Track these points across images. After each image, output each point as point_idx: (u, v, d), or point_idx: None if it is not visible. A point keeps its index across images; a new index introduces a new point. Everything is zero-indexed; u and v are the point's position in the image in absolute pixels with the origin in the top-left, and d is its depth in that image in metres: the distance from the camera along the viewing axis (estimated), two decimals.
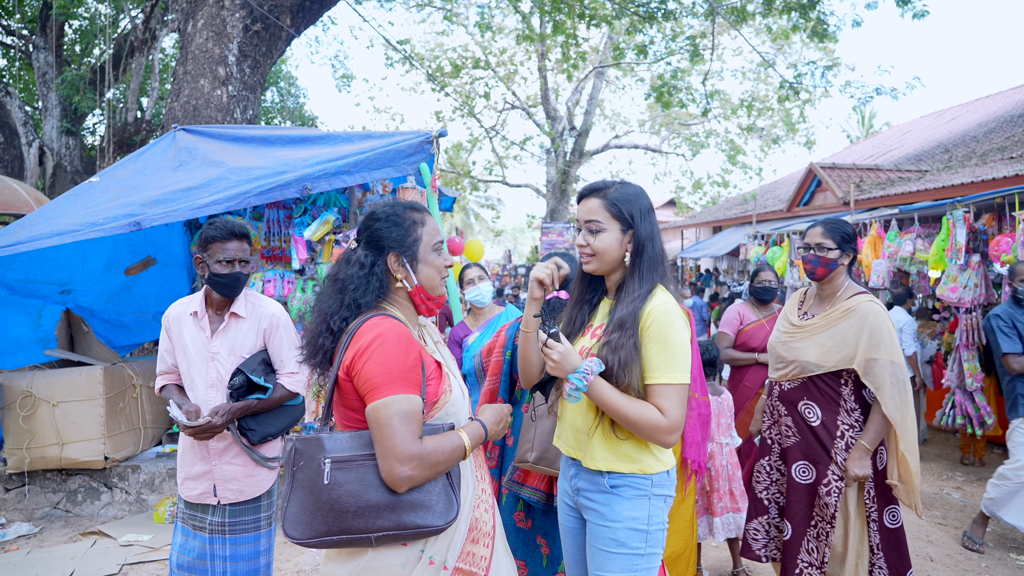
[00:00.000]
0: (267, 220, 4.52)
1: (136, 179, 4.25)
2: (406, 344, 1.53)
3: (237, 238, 2.44)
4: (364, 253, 1.66)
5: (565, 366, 1.76)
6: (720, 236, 16.18)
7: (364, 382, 1.49)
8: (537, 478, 2.57)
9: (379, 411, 1.46)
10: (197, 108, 6.43)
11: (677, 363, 1.77)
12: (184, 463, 2.47)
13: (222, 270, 2.41)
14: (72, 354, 4.70)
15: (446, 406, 1.63)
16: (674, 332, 1.77)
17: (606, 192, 1.90)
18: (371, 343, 1.51)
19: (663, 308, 1.79)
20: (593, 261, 1.90)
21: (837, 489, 2.70)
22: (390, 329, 1.53)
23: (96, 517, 4.53)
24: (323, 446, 1.51)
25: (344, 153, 3.90)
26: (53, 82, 11.66)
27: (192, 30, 6.60)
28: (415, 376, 1.52)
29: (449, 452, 1.53)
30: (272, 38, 6.97)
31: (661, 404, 1.75)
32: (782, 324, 2.96)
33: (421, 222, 1.71)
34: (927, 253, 6.24)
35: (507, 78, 20.21)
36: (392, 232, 1.67)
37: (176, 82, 6.61)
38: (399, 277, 1.67)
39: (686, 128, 21.13)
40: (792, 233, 9.84)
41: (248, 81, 6.76)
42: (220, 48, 6.52)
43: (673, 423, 1.74)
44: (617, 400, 1.76)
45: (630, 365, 1.77)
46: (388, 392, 1.47)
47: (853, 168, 12.54)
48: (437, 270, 1.72)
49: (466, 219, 40.71)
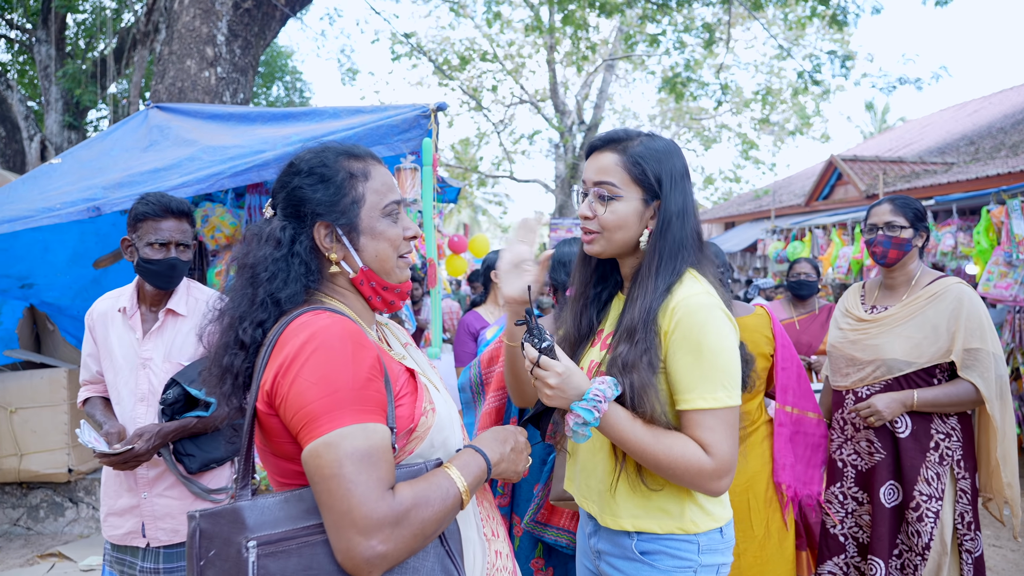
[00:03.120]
0: (248, 206, 4.07)
1: (101, 160, 3.81)
2: (354, 346, 1.05)
3: (175, 216, 1.96)
4: (280, 224, 1.16)
5: (566, 392, 1.26)
6: (733, 232, 15.69)
7: (295, 412, 1.01)
8: (565, 516, 2.11)
9: (321, 455, 0.98)
10: (183, 90, 6.00)
11: (719, 377, 1.28)
12: (108, 494, 2.00)
13: (154, 255, 1.93)
14: (35, 355, 4.28)
15: (429, 433, 1.14)
16: (711, 334, 1.28)
17: (627, 145, 1.39)
18: (299, 351, 1.03)
19: (693, 301, 1.30)
20: (598, 240, 1.40)
21: (931, 514, 2.23)
22: (328, 327, 1.06)
23: (59, 535, 4.10)
24: (242, 521, 1.01)
25: (330, 130, 3.45)
26: (55, 76, 11.36)
27: (179, 7, 6.17)
28: (373, 394, 1.04)
29: (438, 504, 1.04)
30: (265, 17, 6.54)
31: (703, 438, 1.28)
32: (844, 321, 2.49)
33: (363, 174, 1.19)
34: (970, 247, 5.75)
35: (515, 71, 19.76)
36: (317, 191, 1.16)
37: (161, 63, 6.18)
38: (333, 258, 1.18)
39: (697, 122, 20.62)
40: (814, 227, 9.35)
41: (238, 63, 6.32)
42: (208, 27, 6.09)
43: (722, 464, 1.27)
44: (640, 437, 1.28)
45: (646, 391, 1.28)
46: (333, 424, 0.98)
47: (876, 160, 12.03)
48: (391, 244, 1.19)
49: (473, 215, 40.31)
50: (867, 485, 2.38)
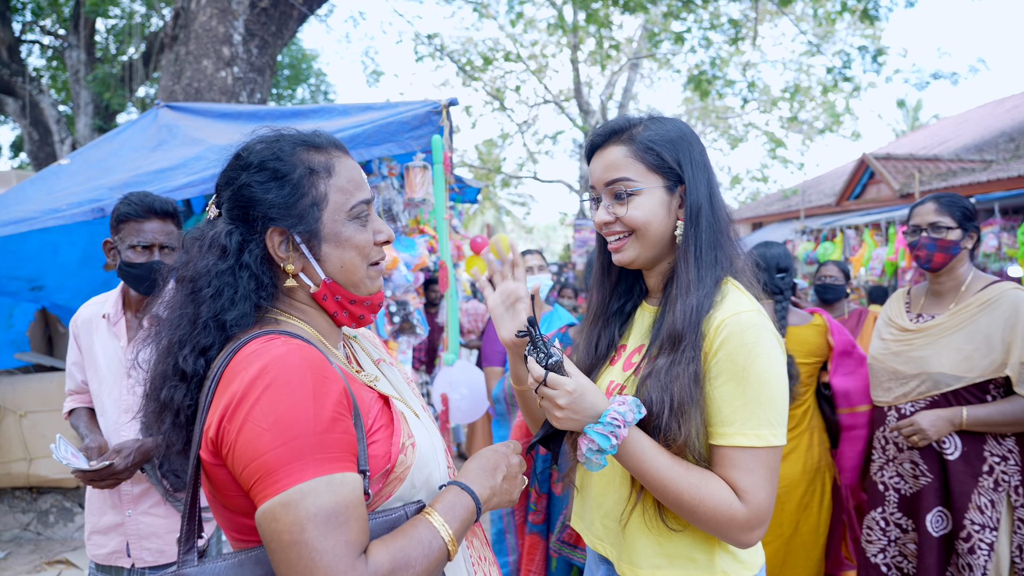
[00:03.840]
0: None
1: (109, 161, 3.74)
2: (316, 379, 0.88)
3: (159, 217, 1.83)
4: (226, 229, 0.98)
5: (579, 413, 1.09)
6: (761, 233, 15.36)
7: (245, 465, 0.85)
8: None
9: (278, 518, 0.81)
10: (199, 91, 5.94)
11: (765, 411, 1.10)
12: (91, 511, 1.89)
13: (135, 258, 1.81)
14: (46, 358, 4.23)
15: (409, 473, 0.97)
16: (760, 359, 1.10)
17: (632, 133, 1.23)
18: (248, 389, 0.86)
19: (744, 319, 1.12)
20: (631, 245, 1.22)
21: (985, 546, 2.02)
22: (282, 357, 0.88)
23: (69, 541, 4.04)
24: None
25: (339, 127, 3.33)
26: (85, 80, 11.51)
27: (195, 7, 6.12)
28: (340, 436, 0.87)
29: (421, 563, 0.88)
30: (282, 16, 6.47)
31: (737, 480, 1.10)
32: (886, 331, 2.29)
33: (325, 169, 1.01)
34: (1014, 247, 5.47)
35: (538, 71, 19.60)
36: (270, 191, 0.98)
37: (178, 63, 6.15)
38: (290, 270, 1.01)
39: (724, 121, 20.27)
40: (845, 227, 9.06)
41: (255, 62, 6.25)
42: (225, 26, 6.03)
43: (756, 512, 1.08)
44: (664, 470, 1.10)
45: (686, 410, 1.10)
46: (292, 478, 0.82)
47: (910, 159, 11.65)
48: (360, 251, 1.03)
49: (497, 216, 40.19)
50: (912, 511, 2.18)
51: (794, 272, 2.65)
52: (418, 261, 3.55)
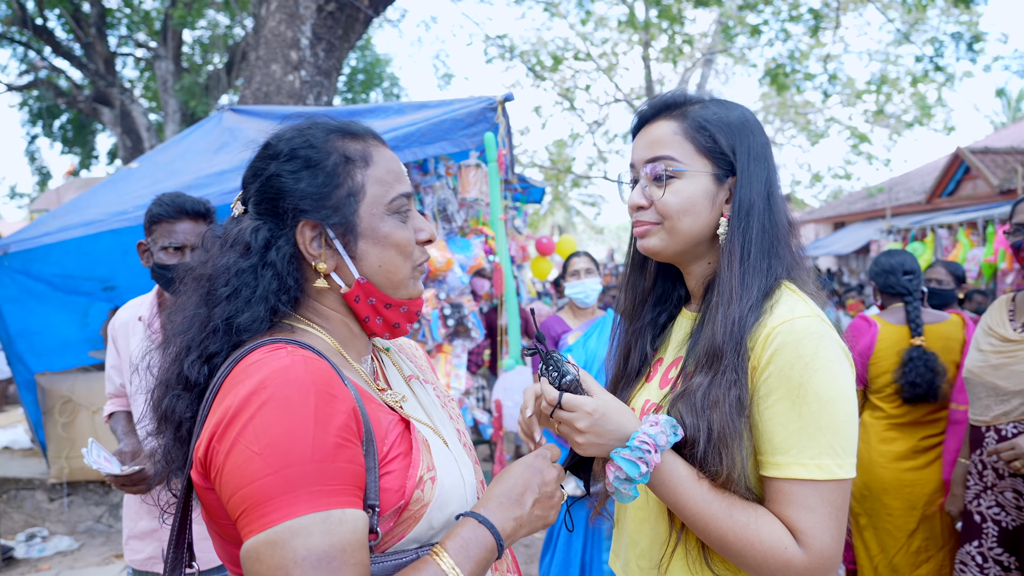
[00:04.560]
0: None
1: (175, 164, 3.83)
2: (319, 397, 0.78)
3: (190, 217, 1.81)
4: (252, 225, 0.90)
5: (604, 437, 0.95)
6: (843, 233, 14.62)
7: (232, 492, 0.75)
8: None
9: (262, 559, 0.72)
10: (268, 95, 6.06)
11: (828, 437, 0.92)
12: (128, 516, 1.90)
13: (167, 259, 1.79)
14: None
15: (427, 512, 0.86)
16: (821, 374, 0.93)
17: (687, 109, 1.07)
18: (242, 406, 0.76)
19: (800, 326, 0.95)
20: (655, 233, 1.06)
21: None
22: (285, 370, 0.78)
23: None
24: None
25: (394, 126, 3.28)
26: (173, 89, 12.08)
27: (265, 13, 6.25)
28: (344, 464, 0.77)
29: None
30: (349, 19, 6.54)
31: (795, 519, 0.93)
32: (986, 342, 2.04)
33: (362, 158, 0.92)
34: None
35: (609, 69, 19.31)
36: (301, 180, 0.89)
37: (248, 69, 6.30)
38: (322, 268, 0.91)
39: (804, 117, 19.43)
40: (937, 226, 8.45)
41: (322, 66, 6.34)
42: (292, 31, 6.13)
43: (818, 558, 0.91)
44: (705, 504, 0.94)
45: (728, 441, 0.94)
46: (282, 513, 0.72)
47: (1012, 152, 10.81)
48: (400, 250, 0.93)
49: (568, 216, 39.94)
50: (1015, 547, 1.93)
51: (922, 276, 2.69)
52: (473, 263, 3.46)
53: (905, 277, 2.58)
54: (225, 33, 13.53)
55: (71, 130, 15.82)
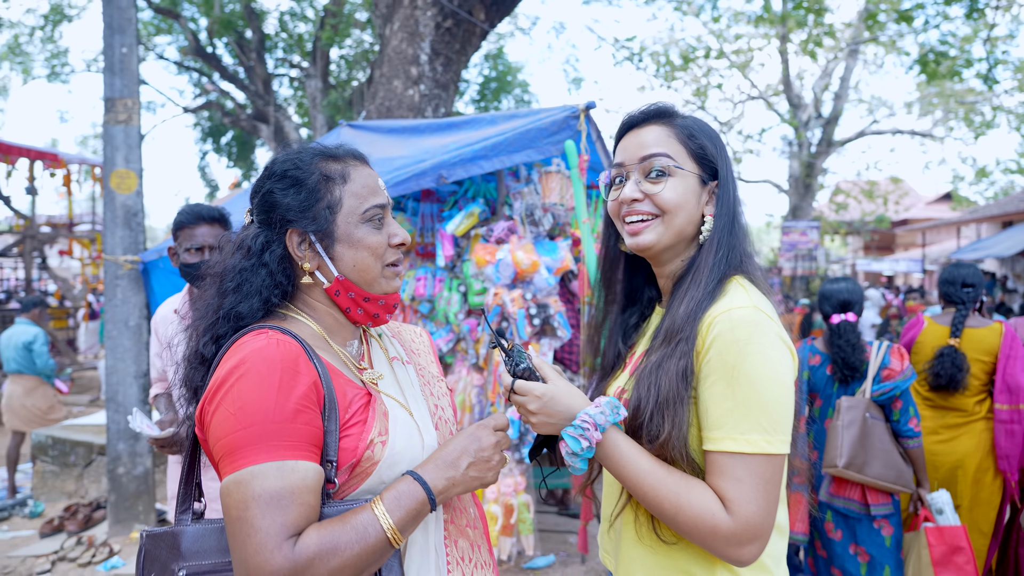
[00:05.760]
0: (420, 214, 4.28)
1: None
2: (282, 374, 0.97)
3: (207, 222, 2.17)
4: (254, 232, 1.11)
5: (553, 417, 1.09)
6: (1010, 232, 13.16)
7: (215, 442, 0.97)
8: (849, 487, 2.65)
9: (231, 493, 0.92)
10: (390, 109, 6.52)
11: (757, 415, 1.01)
12: (172, 479, 2.27)
13: (190, 259, 2.15)
14: None
15: (377, 469, 1.03)
16: (753, 357, 1.02)
17: (674, 118, 1.18)
18: (226, 377, 0.98)
19: (737, 315, 1.05)
20: (653, 226, 1.15)
21: None
22: (260, 350, 0.98)
23: None
24: (178, 547, 1.02)
25: (484, 136, 3.48)
26: (320, 105, 13.18)
27: (389, 33, 6.73)
28: (299, 427, 0.96)
29: (354, 548, 0.93)
30: (465, 34, 6.87)
31: (723, 488, 1.02)
32: None
33: (340, 177, 1.10)
34: None
35: (743, 66, 18.60)
36: (288, 195, 1.08)
37: (373, 86, 6.79)
38: (306, 267, 1.10)
39: (967, 106, 17.68)
40: None
41: (440, 79, 6.72)
42: (413, 48, 6.55)
43: (745, 526, 0.99)
44: (643, 472, 1.04)
45: (671, 405, 1.04)
46: (247, 459, 0.92)
47: None
48: (372, 252, 1.11)
49: None
50: None
51: (982, 289, 3.11)
52: (560, 264, 3.59)
53: (963, 289, 3.07)
54: (367, 49, 14.47)
55: (235, 146, 17.60)
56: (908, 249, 23.09)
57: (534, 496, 3.74)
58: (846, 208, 19.01)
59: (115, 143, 4.29)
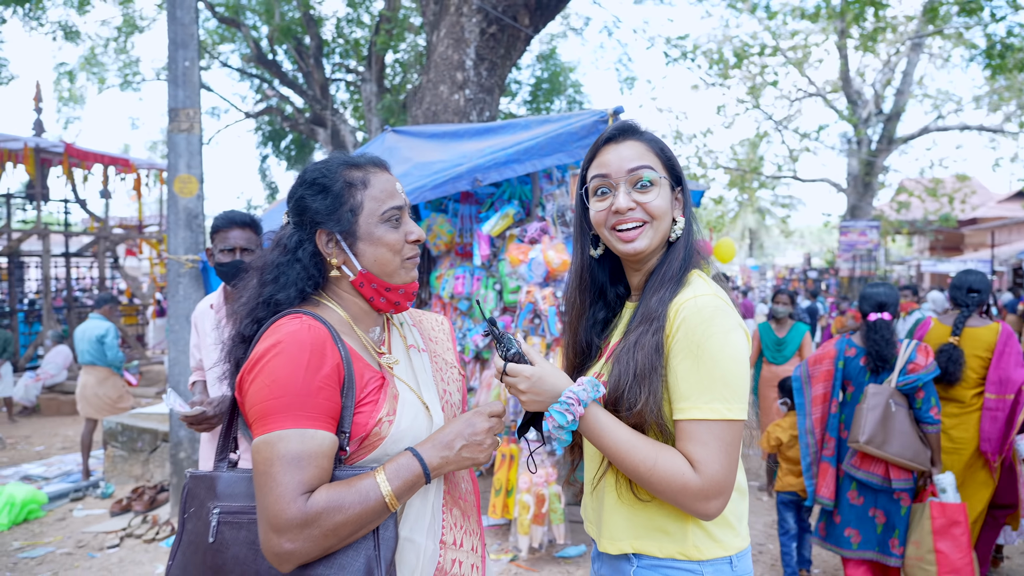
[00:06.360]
0: (460, 215, 4.45)
1: None
2: (311, 355, 1.13)
3: (239, 227, 2.39)
4: (290, 232, 1.27)
5: (541, 396, 1.23)
6: None
7: (250, 407, 1.13)
8: (872, 462, 2.96)
9: (260, 451, 1.09)
10: (436, 113, 6.72)
11: (718, 387, 1.16)
12: (204, 457, 2.50)
13: (224, 259, 2.37)
14: None
15: (382, 444, 1.18)
16: (714, 338, 1.17)
17: (644, 134, 1.34)
18: (264, 353, 1.14)
19: (701, 302, 1.21)
20: (647, 233, 1.29)
21: None
22: (292, 334, 1.14)
23: None
24: (214, 489, 1.19)
25: (518, 140, 3.63)
26: (375, 108, 13.55)
27: (436, 39, 6.93)
28: (321, 402, 1.12)
29: (356, 507, 1.08)
30: (510, 39, 7.02)
31: (691, 451, 1.16)
32: None
33: (362, 183, 1.26)
34: None
35: (800, 63, 18.19)
36: (316, 200, 1.24)
37: (420, 91, 7.00)
38: (334, 263, 1.26)
39: None
40: None
41: (485, 84, 6.88)
42: (459, 54, 6.74)
43: (710, 483, 1.14)
44: (621, 440, 1.19)
45: (648, 373, 1.19)
46: (276, 424, 1.09)
47: None
48: (391, 248, 1.25)
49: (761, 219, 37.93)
50: None
51: (987, 294, 3.48)
52: None
53: (969, 294, 3.44)
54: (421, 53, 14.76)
55: (294, 149, 18.19)
56: (977, 249, 22.12)
57: (567, 489, 3.86)
58: (908, 207, 18.40)
59: (178, 150, 4.60)
